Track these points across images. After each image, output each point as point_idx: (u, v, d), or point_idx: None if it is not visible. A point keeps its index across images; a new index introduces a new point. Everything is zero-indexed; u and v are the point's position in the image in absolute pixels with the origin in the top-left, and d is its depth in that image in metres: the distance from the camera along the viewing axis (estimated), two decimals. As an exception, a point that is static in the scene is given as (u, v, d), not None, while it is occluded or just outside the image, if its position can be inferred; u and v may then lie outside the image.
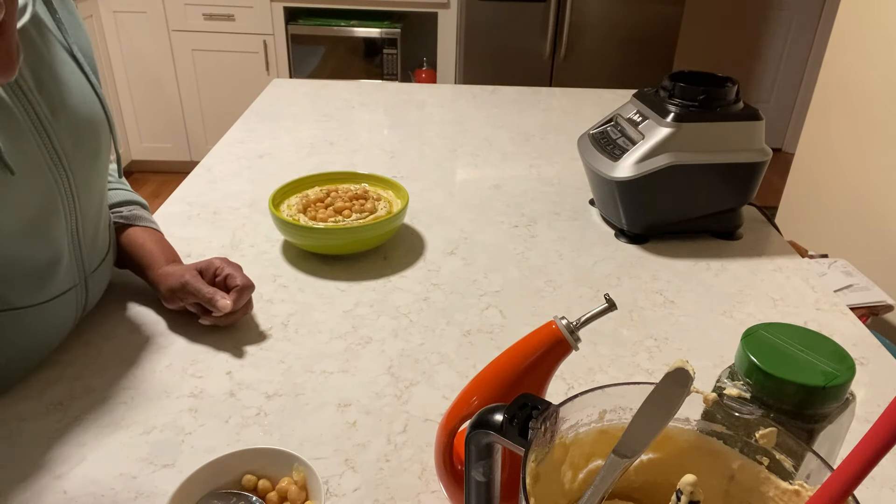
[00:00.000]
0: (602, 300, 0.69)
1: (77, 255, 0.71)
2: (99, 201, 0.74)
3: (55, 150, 0.64)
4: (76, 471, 0.60)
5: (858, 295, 1.62)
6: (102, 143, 0.72)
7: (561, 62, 2.91)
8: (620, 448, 0.35)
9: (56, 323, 0.71)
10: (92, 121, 0.70)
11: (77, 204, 0.69)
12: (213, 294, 0.75)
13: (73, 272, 0.71)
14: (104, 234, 0.78)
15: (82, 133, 0.68)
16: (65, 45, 0.68)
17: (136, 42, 3.06)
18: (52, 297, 0.68)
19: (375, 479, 0.61)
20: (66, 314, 0.72)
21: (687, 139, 0.97)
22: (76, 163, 0.67)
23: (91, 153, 0.70)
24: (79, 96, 0.68)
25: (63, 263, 0.68)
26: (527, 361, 0.51)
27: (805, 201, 2.20)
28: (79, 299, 0.73)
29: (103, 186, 0.76)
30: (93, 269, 0.74)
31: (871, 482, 0.63)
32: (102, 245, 0.77)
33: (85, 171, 0.69)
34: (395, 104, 1.63)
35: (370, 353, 0.77)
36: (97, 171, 0.72)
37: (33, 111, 0.62)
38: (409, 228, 1.06)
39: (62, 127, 0.65)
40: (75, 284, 0.71)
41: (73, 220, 0.69)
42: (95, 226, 0.74)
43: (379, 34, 3.07)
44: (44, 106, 0.63)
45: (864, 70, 1.92)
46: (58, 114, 0.65)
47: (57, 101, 0.65)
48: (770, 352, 0.45)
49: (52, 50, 0.66)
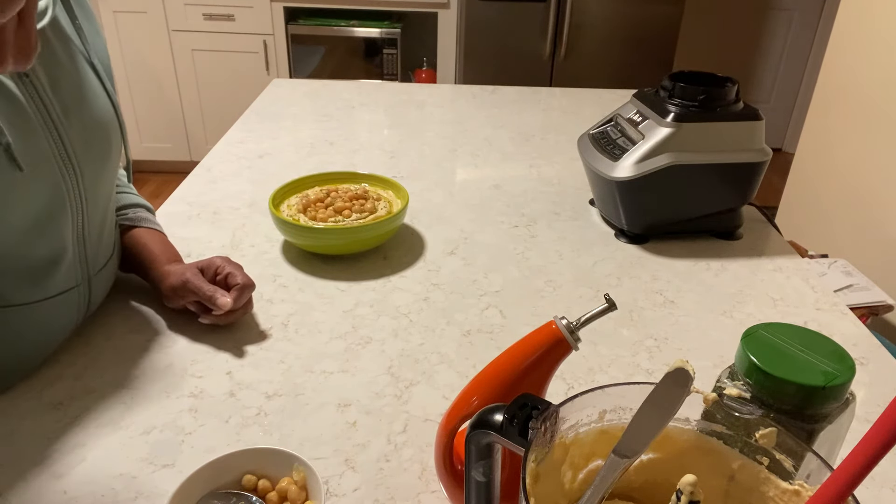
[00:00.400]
0: (602, 300, 0.69)
1: (82, 254, 0.71)
2: (106, 203, 0.75)
3: (66, 149, 0.65)
4: (76, 471, 0.60)
5: (858, 295, 1.62)
6: (113, 147, 0.73)
7: (561, 62, 2.91)
8: (620, 448, 0.35)
9: (56, 323, 0.71)
10: (104, 124, 0.70)
11: (85, 204, 0.69)
12: (214, 292, 0.76)
13: (76, 272, 0.71)
14: (109, 235, 0.78)
15: (93, 135, 0.69)
16: (82, 50, 0.69)
17: (136, 42, 3.06)
18: (52, 296, 0.68)
19: (375, 479, 0.61)
20: (67, 314, 0.72)
21: (687, 139, 0.97)
22: (86, 163, 0.68)
23: (101, 155, 0.70)
24: (92, 100, 0.69)
25: (65, 262, 0.69)
26: (527, 361, 0.51)
27: (805, 201, 2.20)
28: (81, 300, 0.73)
29: (111, 189, 0.76)
30: (97, 271, 0.75)
31: (871, 482, 0.63)
32: (107, 246, 0.77)
33: (94, 173, 0.69)
34: (395, 104, 1.63)
35: (370, 353, 0.77)
36: (106, 173, 0.73)
37: (46, 111, 0.62)
38: (409, 228, 1.06)
39: (74, 128, 0.65)
40: (77, 284, 0.72)
41: (80, 220, 0.69)
42: (101, 227, 0.74)
43: (379, 34, 3.07)
44: (57, 106, 0.64)
45: (864, 70, 1.92)
46: (70, 115, 0.65)
47: (70, 103, 0.65)
48: (770, 352, 0.45)
49: (69, 53, 0.67)
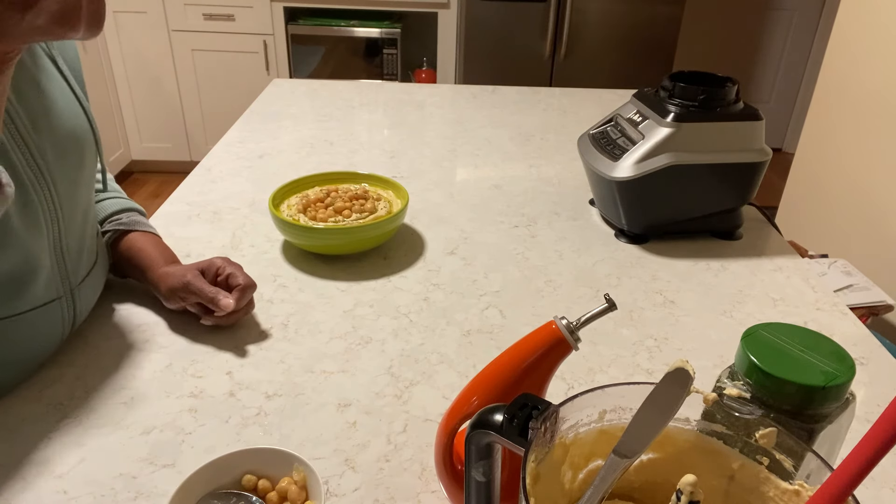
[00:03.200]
0: (602, 300, 0.69)
1: (61, 266, 0.69)
2: (84, 213, 0.73)
3: (36, 163, 0.63)
4: (76, 471, 0.60)
5: (858, 295, 1.62)
6: (87, 156, 0.71)
7: (561, 62, 2.91)
8: (620, 448, 0.35)
9: (40, 334, 0.69)
10: (76, 133, 0.68)
11: (60, 215, 0.67)
12: (216, 294, 0.75)
13: (57, 284, 0.69)
14: (91, 245, 0.76)
15: (66, 145, 0.67)
16: (49, 55, 0.67)
17: (136, 42, 3.06)
18: (31, 308, 0.66)
19: (375, 479, 0.61)
20: (52, 327, 0.70)
21: (687, 139, 0.97)
22: (59, 175, 0.66)
23: (75, 165, 0.69)
24: (63, 108, 0.67)
25: (42, 276, 0.67)
26: (527, 361, 0.51)
27: (805, 201, 2.20)
28: (65, 312, 0.71)
29: (89, 198, 0.74)
30: (79, 281, 0.73)
31: (871, 482, 0.63)
32: (89, 256, 0.76)
33: (68, 184, 0.68)
34: (395, 104, 1.63)
35: (370, 353, 0.77)
36: (82, 183, 0.71)
37: (13, 124, 0.61)
38: (409, 228, 1.06)
39: (44, 139, 0.64)
40: (60, 297, 0.70)
41: (54, 232, 0.67)
42: (81, 237, 0.73)
43: (379, 34, 3.07)
44: (24, 118, 0.62)
45: (864, 70, 1.92)
46: (39, 126, 0.63)
47: (39, 113, 0.63)
48: (770, 352, 0.45)
49: (35, 61, 0.65)
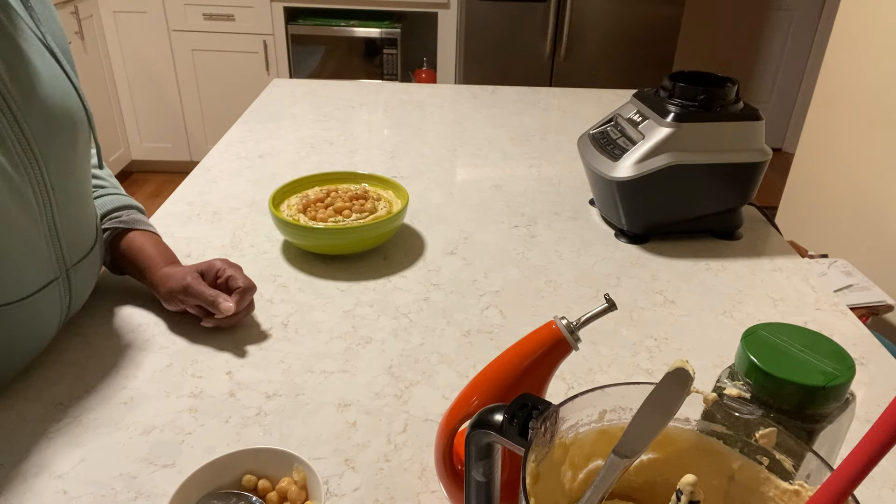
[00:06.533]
0: (602, 300, 0.69)
1: (56, 247, 0.68)
2: (80, 192, 0.72)
3: (28, 141, 0.62)
4: (76, 471, 0.60)
5: (858, 295, 1.62)
6: (80, 134, 0.70)
7: (561, 62, 2.91)
8: (620, 448, 0.35)
9: (40, 321, 0.69)
10: (68, 111, 0.67)
11: (52, 196, 0.66)
12: (216, 296, 0.75)
13: (52, 265, 0.68)
14: (88, 226, 0.75)
15: (58, 123, 0.66)
16: (37, 33, 0.66)
17: (136, 42, 3.06)
18: (31, 294, 0.66)
19: (375, 479, 0.61)
20: (50, 311, 0.70)
21: (687, 139, 0.97)
22: (51, 154, 0.65)
23: (68, 144, 0.68)
24: (54, 86, 0.66)
25: (37, 255, 0.66)
26: (527, 361, 0.51)
27: (805, 201, 2.20)
28: (62, 295, 0.71)
29: (85, 178, 0.73)
30: (75, 262, 0.72)
31: (871, 482, 0.63)
32: (86, 237, 0.74)
33: (60, 163, 0.67)
34: (395, 104, 1.63)
35: (370, 353, 0.77)
36: (75, 162, 0.70)
37: (3, 101, 0.60)
38: (409, 228, 1.06)
39: (35, 117, 0.63)
40: (56, 277, 0.69)
41: (48, 213, 0.66)
42: (76, 218, 0.72)
43: (379, 34, 3.07)
44: (16, 95, 0.61)
45: (864, 70, 1.92)
46: (31, 103, 0.62)
47: (30, 90, 0.63)
48: (770, 352, 0.45)
49: (24, 38, 0.64)
